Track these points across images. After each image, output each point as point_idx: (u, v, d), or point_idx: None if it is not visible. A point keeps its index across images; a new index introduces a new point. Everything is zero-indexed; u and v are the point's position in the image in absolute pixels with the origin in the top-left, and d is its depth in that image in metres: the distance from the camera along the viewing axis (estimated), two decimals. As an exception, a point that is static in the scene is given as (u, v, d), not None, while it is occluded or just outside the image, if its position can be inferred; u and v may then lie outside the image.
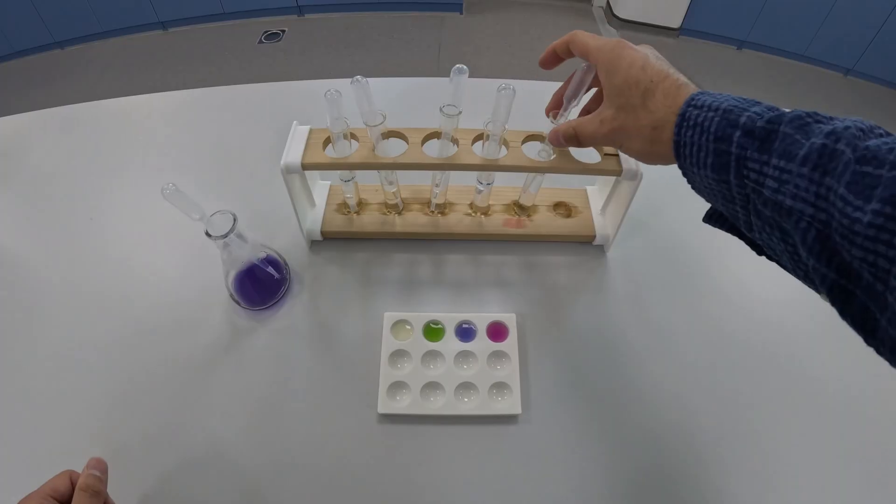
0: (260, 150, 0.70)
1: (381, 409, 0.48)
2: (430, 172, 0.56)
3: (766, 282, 0.59)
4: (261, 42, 2.51)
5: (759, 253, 0.34)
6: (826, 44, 2.30)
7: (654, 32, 2.58)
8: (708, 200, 0.35)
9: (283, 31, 2.57)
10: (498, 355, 0.52)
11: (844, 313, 0.26)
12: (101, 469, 0.40)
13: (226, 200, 0.64)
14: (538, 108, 0.50)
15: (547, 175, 0.53)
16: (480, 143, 0.52)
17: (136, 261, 0.60)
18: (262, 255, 0.54)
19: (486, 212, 0.61)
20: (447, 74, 0.48)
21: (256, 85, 0.82)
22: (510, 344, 0.52)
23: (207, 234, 0.46)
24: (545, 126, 0.54)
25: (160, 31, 2.56)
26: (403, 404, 0.49)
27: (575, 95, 0.46)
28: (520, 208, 0.61)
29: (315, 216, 0.61)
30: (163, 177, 0.53)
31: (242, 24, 2.61)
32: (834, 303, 0.26)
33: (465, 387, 0.50)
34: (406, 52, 2.47)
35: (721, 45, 2.53)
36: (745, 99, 0.32)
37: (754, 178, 0.29)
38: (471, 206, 0.61)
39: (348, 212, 0.61)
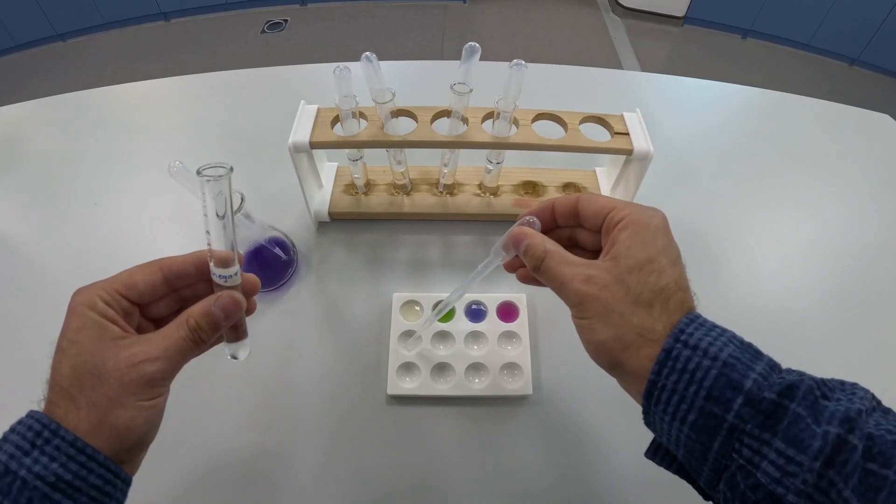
0: (267, 133, 0.70)
1: (391, 391, 0.48)
2: (438, 153, 0.56)
3: (775, 265, 0.58)
4: (263, 32, 2.50)
5: (707, 498, 0.28)
6: (831, 33, 2.27)
7: (658, 21, 2.56)
8: (667, 445, 0.28)
9: (286, 21, 2.55)
10: (508, 336, 0.51)
11: None
12: (231, 310, 0.31)
13: (232, 182, 0.63)
14: (545, 90, 0.49)
15: (556, 155, 0.53)
16: (490, 121, 0.52)
17: (142, 246, 0.60)
18: (269, 235, 0.54)
19: (495, 192, 0.60)
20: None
21: (262, 69, 0.81)
22: (521, 324, 0.51)
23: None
24: (552, 106, 0.54)
25: (162, 22, 2.55)
26: (413, 385, 0.48)
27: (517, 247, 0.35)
28: (530, 187, 0.61)
29: (322, 197, 0.60)
30: (168, 160, 0.52)
31: (245, 14, 2.59)
32: None
33: (476, 367, 0.49)
34: (409, 41, 2.45)
35: (726, 33, 2.51)
36: (742, 343, 0.27)
37: (747, 457, 0.24)
38: (480, 186, 0.61)
39: (356, 193, 0.61)
